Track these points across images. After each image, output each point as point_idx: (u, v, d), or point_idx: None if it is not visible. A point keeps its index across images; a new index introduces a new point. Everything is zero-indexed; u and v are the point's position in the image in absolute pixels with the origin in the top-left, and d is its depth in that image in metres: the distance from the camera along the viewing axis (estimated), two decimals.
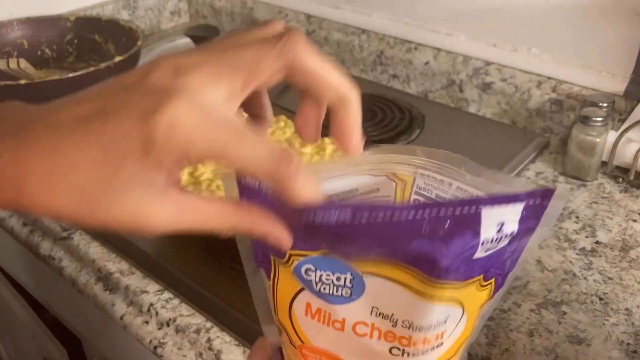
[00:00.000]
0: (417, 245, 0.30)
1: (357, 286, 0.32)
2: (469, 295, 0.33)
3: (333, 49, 1.20)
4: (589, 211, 0.80)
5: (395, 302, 0.32)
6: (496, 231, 0.30)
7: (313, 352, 0.35)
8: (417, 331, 0.32)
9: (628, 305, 0.65)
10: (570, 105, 0.92)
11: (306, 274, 0.33)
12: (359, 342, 0.33)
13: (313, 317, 0.34)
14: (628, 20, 0.85)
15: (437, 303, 0.31)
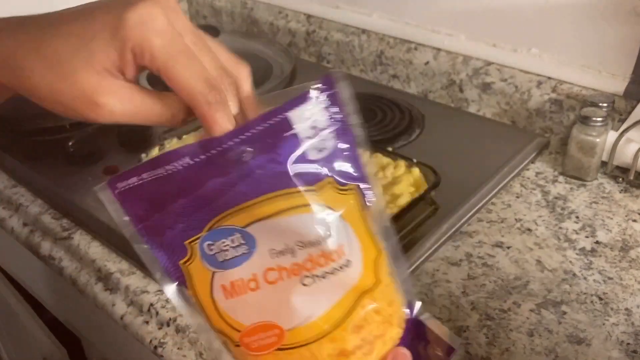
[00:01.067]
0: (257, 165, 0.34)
1: (249, 239, 0.35)
2: (331, 198, 0.36)
3: (333, 49, 1.20)
4: (588, 211, 0.80)
5: (280, 233, 0.35)
6: (310, 128, 0.35)
7: (251, 334, 0.36)
8: (312, 246, 0.35)
9: (628, 305, 0.65)
10: (570, 105, 0.92)
11: (209, 249, 0.36)
12: (276, 292, 0.35)
13: (231, 294, 0.36)
14: (628, 20, 0.85)
15: (307, 212, 0.35)
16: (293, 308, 0.36)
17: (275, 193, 0.35)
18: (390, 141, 0.93)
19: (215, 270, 0.36)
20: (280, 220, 0.35)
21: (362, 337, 0.37)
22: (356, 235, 0.37)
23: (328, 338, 0.36)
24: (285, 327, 0.36)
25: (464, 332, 0.62)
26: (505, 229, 0.77)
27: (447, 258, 0.72)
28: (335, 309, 0.36)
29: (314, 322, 0.36)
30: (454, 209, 0.77)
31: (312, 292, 0.36)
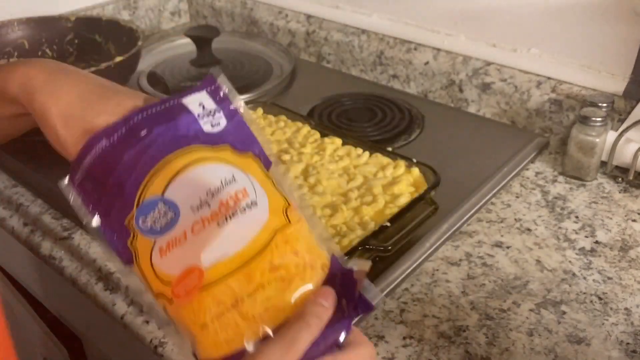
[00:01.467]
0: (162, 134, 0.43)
1: (170, 205, 0.41)
2: (229, 156, 0.43)
3: (333, 49, 1.20)
4: (588, 211, 0.80)
5: (192, 188, 0.41)
6: (201, 108, 0.44)
7: (179, 282, 0.40)
8: (220, 192, 0.41)
9: (627, 304, 0.65)
10: (569, 105, 0.93)
11: (144, 224, 0.42)
12: (199, 240, 0.40)
13: (165, 252, 0.41)
14: (628, 20, 0.85)
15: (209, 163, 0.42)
16: (210, 248, 0.40)
17: (178, 151, 0.42)
18: (390, 141, 0.93)
19: (156, 238, 0.41)
20: (189, 174, 0.42)
21: (279, 274, 0.40)
22: (261, 186, 0.43)
23: (243, 273, 0.39)
24: (204, 266, 0.39)
25: (464, 331, 0.62)
26: (504, 229, 0.77)
27: (446, 258, 0.72)
28: (249, 245, 0.40)
29: (230, 258, 0.40)
30: (453, 208, 0.77)
31: (227, 232, 0.40)
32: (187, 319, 0.41)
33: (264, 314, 0.40)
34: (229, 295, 0.40)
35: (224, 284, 0.39)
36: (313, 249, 0.43)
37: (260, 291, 0.40)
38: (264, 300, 0.40)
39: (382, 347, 0.61)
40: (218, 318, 0.40)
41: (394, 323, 0.64)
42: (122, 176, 0.42)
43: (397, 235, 0.64)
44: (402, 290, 0.68)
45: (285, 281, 0.40)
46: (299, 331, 0.39)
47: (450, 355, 0.60)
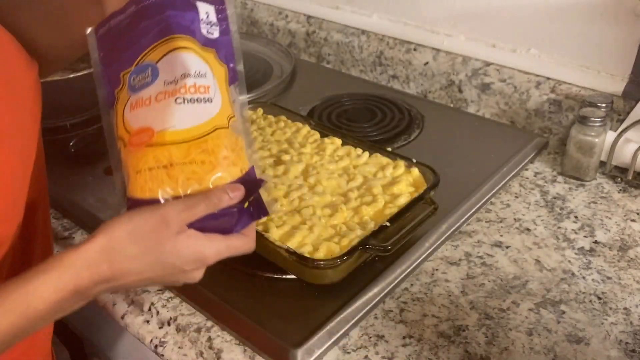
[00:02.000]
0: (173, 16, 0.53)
1: (154, 72, 0.52)
2: (210, 59, 0.53)
3: (333, 49, 1.20)
4: (587, 211, 0.80)
5: (175, 66, 0.51)
6: (206, 16, 0.54)
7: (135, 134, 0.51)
8: (188, 78, 0.51)
9: (627, 304, 0.66)
10: (569, 105, 0.93)
11: (132, 81, 0.53)
12: (159, 107, 0.51)
13: (134, 108, 0.52)
14: (627, 20, 0.86)
15: (195, 55, 0.52)
16: (164, 118, 0.50)
17: (180, 35, 0.52)
18: (389, 141, 0.93)
19: (131, 94, 0.52)
20: (178, 54, 0.51)
21: (208, 158, 0.50)
22: (220, 92, 0.52)
23: (183, 146, 0.50)
24: (156, 129, 0.50)
25: (463, 331, 0.63)
26: (504, 229, 0.77)
27: (446, 258, 0.73)
28: (195, 128, 0.50)
29: (176, 130, 0.50)
30: (453, 208, 0.77)
31: (180, 110, 0.50)
32: (130, 164, 0.51)
33: (185, 181, 0.50)
34: (166, 157, 0.50)
35: (165, 148, 0.50)
36: (240, 154, 0.53)
37: (190, 165, 0.50)
38: (189, 172, 0.50)
39: (382, 346, 0.61)
40: (150, 170, 0.50)
41: (394, 322, 0.64)
42: (135, 38, 0.53)
43: (397, 235, 0.64)
44: (402, 289, 0.68)
45: (210, 165, 0.50)
46: (199, 201, 0.49)
47: (449, 355, 0.60)
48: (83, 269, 0.48)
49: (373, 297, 0.65)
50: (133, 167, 0.51)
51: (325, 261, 0.61)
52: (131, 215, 0.49)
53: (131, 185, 0.51)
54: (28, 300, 0.47)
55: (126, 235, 0.48)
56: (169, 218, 0.48)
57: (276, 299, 0.66)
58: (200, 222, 0.50)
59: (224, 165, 0.51)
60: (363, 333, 0.63)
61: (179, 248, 0.49)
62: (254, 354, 0.61)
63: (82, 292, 0.49)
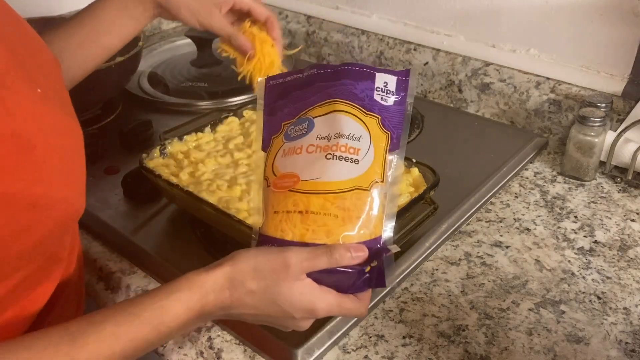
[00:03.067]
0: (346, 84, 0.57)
1: (310, 126, 0.56)
2: (372, 125, 0.55)
3: (333, 49, 1.20)
4: (587, 211, 0.80)
5: (331, 125, 0.55)
6: (383, 85, 0.57)
7: (281, 178, 0.54)
8: (342, 138, 0.54)
9: (626, 304, 0.66)
10: (568, 105, 0.93)
11: (290, 131, 0.57)
12: (309, 158, 0.54)
13: (285, 155, 0.55)
14: (627, 21, 0.86)
15: (354, 120, 0.55)
16: (312, 168, 0.53)
17: (344, 100, 0.56)
18: None
19: (286, 142, 0.56)
20: (337, 115, 0.55)
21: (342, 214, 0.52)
22: (374, 156, 0.54)
23: (322, 197, 0.52)
24: (302, 178, 0.53)
25: (463, 331, 0.63)
26: (504, 229, 0.77)
27: (446, 257, 0.73)
28: (336, 183, 0.52)
29: (319, 182, 0.52)
30: (453, 208, 0.77)
31: (328, 165, 0.53)
32: (270, 202, 0.54)
33: (315, 230, 0.52)
34: (304, 204, 0.52)
35: (305, 196, 0.52)
36: (375, 219, 0.53)
37: (324, 216, 0.52)
38: (321, 223, 0.52)
39: (382, 346, 0.61)
40: (287, 213, 0.53)
41: (394, 322, 0.64)
42: (305, 95, 0.58)
43: (397, 235, 0.64)
44: (402, 289, 0.68)
45: (342, 221, 0.52)
46: (322, 254, 0.50)
47: (449, 355, 0.60)
48: (210, 292, 0.50)
49: (373, 297, 0.65)
50: (272, 206, 0.54)
51: None
52: (257, 252, 0.52)
53: (266, 223, 0.54)
54: (162, 315, 0.49)
55: (250, 270, 0.51)
56: (291, 263, 0.50)
57: None
58: (319, 273, 0.51)
59: (355, 224, 0.52)
60: (363, 333, 0.63)
61: (294, 293, 0.51)
62: (254, 354, 0.61)
63: (205, 315, 0.51)
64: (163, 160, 0.78)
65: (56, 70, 0.59)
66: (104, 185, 0.86)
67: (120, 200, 0.83)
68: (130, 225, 0.78)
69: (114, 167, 0.90)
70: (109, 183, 0.86)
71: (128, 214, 0.80)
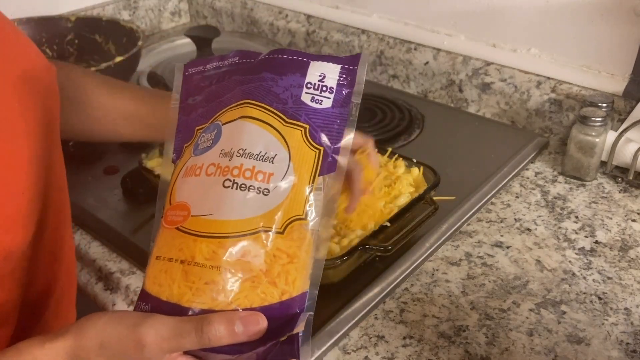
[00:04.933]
0: (265, 80, 0.43)
1: (217, 136, 0.42)
2: (293, 139, 0.41)
3: (333, 49, 1.20)
4: (588, 211, 0.80)
5: (236, 136, 0.41)
6: (318, 79, 0.42)
7: (173, 209, 0.41)
8: (248, 157, 0.40)
9: (627, 304, 0.65)
10: (569, 105, 0.93)
11: (199, 140, 0.44)
12: (205, 183, 0.41)
13: (185, 175, 0.42)
14: (627, 20, 0.85)
15: (267, 130, 0.41)
16: (205, 199, 0.40)
17: (258, 103, 0.43)
18: (390, 141, 0.93)
19: (192, 155, 0.44)
20: (244, 123, 0.42)
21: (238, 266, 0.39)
22: (294, 185, 0.41)
23: (211, 242, 0.39)
24: (192, 212, 0.40)
25: (464, 331, 0.62)
26: (504, 229, 0.77)
27: (446, 258, 0.73)
28: (232, 223, 0.39)
29: (211, 220, 0.39)
30: (453, 208, 0.77)
31: (226, 196, 0.39)
32: (157, 240, 0.42)
33: (198, 289, 0.39)
34: (189, 251, 0.40)
35: (192, 239, 0.40)
36: (292, 271, 0.40)
37: (211, 270, 0.39)
38: (208, 279, 0.39)
39: (382, 347, 0.61)
40: (169, 261, 0.40)
41: (394, 323, 0.64)
42: (221, 92, 0.46)
43: (397, 235, 0.64)
44: (402, 290, 0.68)
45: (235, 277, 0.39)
46: (190, 330, 0.39)
47: (450, 355, 0.60)
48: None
49: (373, 298, 0.65)
50: (157, 248, 0.42)
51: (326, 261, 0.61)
52: (108, 323, 0.42)
53: (146, 271, 0.43)
54: None
55: (95, 346, 0.42)
56: (146, 342, 0.39)
57: None
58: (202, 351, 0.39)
59: (258, 282, 0.39)
60: (363, 333, 0.63)
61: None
62: None
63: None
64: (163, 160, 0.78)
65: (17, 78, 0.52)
66: (103, 185, 0.86)
67: (120, 201, 0.83)
68: (130, 225, 0.78)
69: (113, 167, 0.90)
70: (108, 183, 0.86)
71: (127, 214, 0.80)
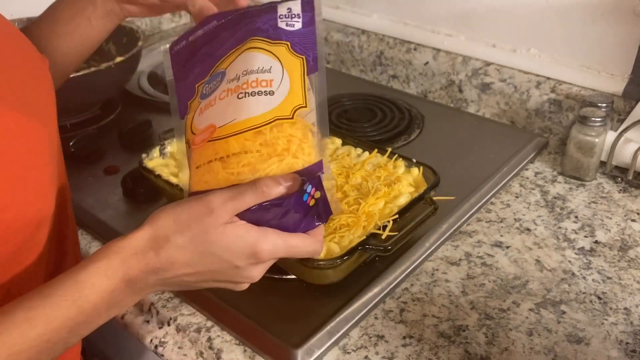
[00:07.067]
0: (247, 24, 0.54)
1: (222, 77, 0.53)
2: (281, 53, 0.53)
3: (333, 49, 1.20)
4: (587, 211, 0.80)
5: (239, 66, 0.52)
6: (287, 12, 0.55)
7: (199, 134, 0.51)
8: (251, 74, 0.51)
9: (627, 304, 0.66)
10: (569, 105, 0.93)
11: (204, 90, 0.53)
12: (222, 105, 0.51)
13: (202, 111, 0.52)
14: (627, 20, 0.86)
15: (259, 52, 0.52)
16: (226, 113, 0.50)
17: (250, 38, 0.53)
18: (389, 141, 0.93)
19: (201, 101, 0.53)
20: (242, 54, 0.53)
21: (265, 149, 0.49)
22: (290, 84, 0.51)
23: (238, 137, 0.49)
24: (218, 125, 0.50)
25: (464, 331, 0.63)
26: (504, 229, 0.77)
27: (446, 257, 0.73)
28: (253, 119, 0.49)
29: (235, 123, 0.49)
30: (453, 208, 0.77)
31: (242, 104, 0.50)
32: (192, 161, 0.51)
33: (240, 171, 0.48)
34: (224, 149, 0.49)
35: (224, 141, 0.49)
36: (305, 146, 0.50)
37: (245, 155, 0.49)
38: (244, 163, 0.48)
39: (382, 346, 0.61)
40: (209, 163, 0.49)
41: (394, 323, 0.64)
42: (213, 48, 0.55)
43: (397, 235, 0.64)
44: (402, 290, 0.68)
45: (267, 155, 0.49)
46: (246, 190, 0.47)
47: (450, 355, 0.60)
48: (130, 256, 0.46)
49: (373, 297, 0.65)
50: (194, 163, 0.51)
51: (325, 261, 0.61)
52: (176, 204, 0.47)
53: (191, 182, 0.51)
54: (79, 289, 0.45)
55: (171, 223, 0.46)
56: (214, 206, 0.46)
57: (276, 299, 0.66)
58: (255, 215, 0.47)
59: (283, 156, 0.49)
60: (363, 333, 0.63)
61: (228, 238, 0.46)
62: (254, 354, 0.61)
63: (132, 281, 0.46)
64: (163, 160, 0.78)
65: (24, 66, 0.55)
66: (103, 185, 0.86)
67: (120, 201, 0.83)
68: (130, 225, 0.78)
69: (113, 167, 0.90)
70: (108, 183, 0.86)
71: (128, 214, 0.80)
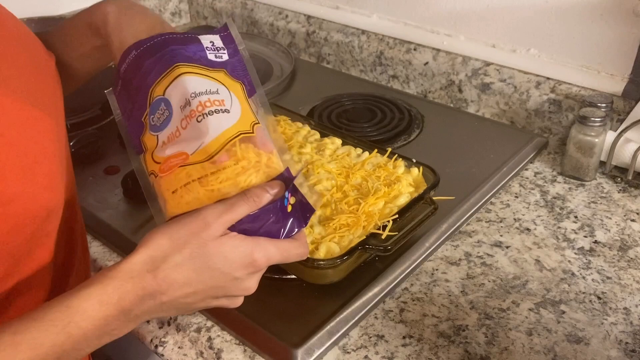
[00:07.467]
0: (175, 49, 0.55)
1: (167, 104, 0.53)
2: (221, 77, 0.55)
3: (333, 49, 1.20)
4: (587, 211, 0.80)
5: (182, 90, 0.52)
6: (210, 44, 0.57)
7: (165, 162, 0.51)
8: (200, 95, 0.52)
9: (626, 304, 0.66)
10: (569, 105, 0.93)
11: (152, 121, 0.54)
12: (187, 132, 0.51)
13: (167, 145, 0.52)
14: (627, 20, 0.86)
15: (202, 77, 0.53)
16: (193, 139, 0.51)
17: (182, 63, 0.54)
18: (389, 141, 0.93)
19: (157, 133, 0.53)
20: (182, 78, 0.53)
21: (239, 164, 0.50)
22: (239, 103, 0.54)
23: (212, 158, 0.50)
24: (189, 152, 0.51)
25: (463, 331, 0.63)
26: (504, 229, 0.77)
27: (446, 257, 0.73)
28: (218, 138, 0.50)
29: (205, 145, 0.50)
30: (453, 208, 0.77)
31: (202, 126, 0.51)
32: (164, 187, 0.51)
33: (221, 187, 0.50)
34: (198, 171, 0.50)
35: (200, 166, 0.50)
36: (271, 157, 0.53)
37: (221, 172, 0.50)
38: (223, 178, 0.50)
39: (381, 346, 0.61)
40: (185, 186, 0.50)
41: (394, 322, 0.64)
42: (141, 79, 0.55)
43: (397, 235, 0.64)
44: (402, 289, 0.68)
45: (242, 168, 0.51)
46: (237, 201, 0.48)
47: (449, 355, 0.60)
48: (126, 280, 0.45)
49: (373, 297, 0.65)
50: (167, 189, 0.51)
51: (325, 261, 0.61)
52: (168, 224, 0.47)
53: (168, 206, 0.51)
54: (70, 315, 0.44)
55: (168, 242, 0.46)
56: (209, 220, 0.47)
57: (276, 299, 0.66)
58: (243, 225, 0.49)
59: (258, 167, 0.51)
60: (363, 333, 0.63)
61: (225, 250, 0.47)
62: (254, 354, 0.61)
63: (127, 308, 0.46)
64: None
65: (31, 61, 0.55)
66: (103, 185, 0.86)
67: (120, 200, 0.83)
68: (130, 225, 0.78)
69: (113, 167, 0.90)
70: (108, 183, 0.86)
71: (128, 213, 0.80)
